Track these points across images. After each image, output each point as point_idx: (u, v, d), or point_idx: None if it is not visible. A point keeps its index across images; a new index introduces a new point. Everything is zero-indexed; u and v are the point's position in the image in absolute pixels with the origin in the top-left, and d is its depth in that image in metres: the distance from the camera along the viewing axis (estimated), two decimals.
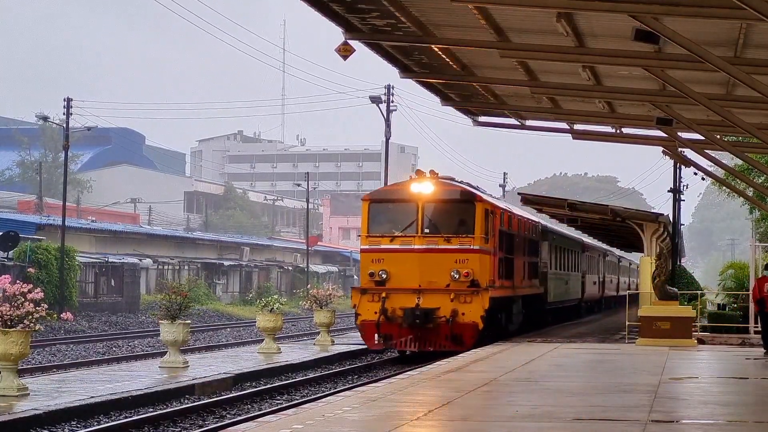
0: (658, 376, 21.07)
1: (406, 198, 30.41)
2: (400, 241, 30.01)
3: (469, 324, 29.45)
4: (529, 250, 37.79)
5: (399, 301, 29.76)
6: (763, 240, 45.23)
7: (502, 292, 32.18)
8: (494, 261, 31.14)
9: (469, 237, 29.94)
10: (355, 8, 19.30)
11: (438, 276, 29.73)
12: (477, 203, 30.40)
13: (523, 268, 36.34)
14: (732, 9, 15.42)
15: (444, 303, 29.54)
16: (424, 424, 14.05)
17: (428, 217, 30.20)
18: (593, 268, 60.20)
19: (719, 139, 27.58)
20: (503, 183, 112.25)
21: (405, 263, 29.81)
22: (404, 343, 29.87)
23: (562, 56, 20.84)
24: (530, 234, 38.52)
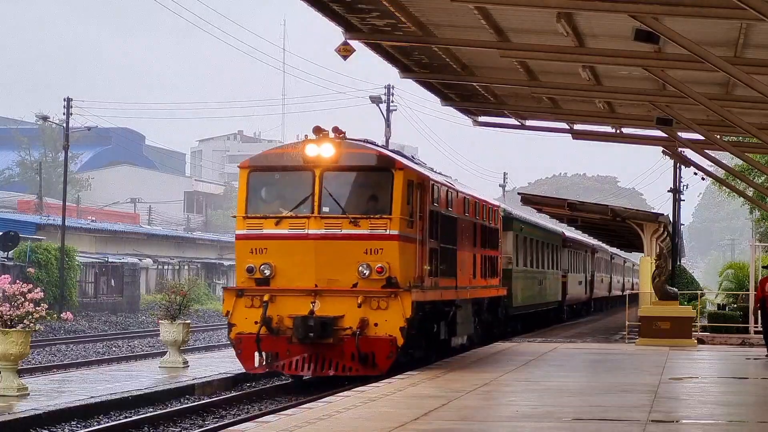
0: (658, 376, 21.07)
1: (299, 165, 22.09)
2: (290, 224, 21.87)
3: (383, 339, 21.32)
4: (484, 241, 29.63)
5: (288, 306, 21.75)
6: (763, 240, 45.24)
7: (436, 295, 23.95)
8: (422, 252, 22.88)
9: (385, 218, 21.60)
10: (355, 8, 19.31)
11: (341, 272, 21.60)
12: (396, 172, 21.86)
13: (475, 263, 28.27)
14: (732, 9, 15.43)
15: (349, 309, 21.40)
16: (425, 424, 14.05)
17: (329, 191, 22.00)
18: (578, 265, 54.22)
19: (719, 139, 27.59)
20: (503, 183, 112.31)
21: (296, 254, 21.77)
22: (295, 365, 21.83)
23: (562, 56, 20.85)
24: (486, 220, 30.16)
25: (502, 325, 34.11)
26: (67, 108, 69.66)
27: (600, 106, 27.10)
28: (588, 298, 58.47)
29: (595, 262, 60.49)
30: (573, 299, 52.23)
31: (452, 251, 25.66)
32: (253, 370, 22.31)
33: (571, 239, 51.60)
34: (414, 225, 22.45)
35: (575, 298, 53.23)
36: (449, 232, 25.40)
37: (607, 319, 52.08)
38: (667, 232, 45.58)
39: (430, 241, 23.50)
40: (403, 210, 21.97)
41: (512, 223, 35.98)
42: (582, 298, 56.13)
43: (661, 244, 45.21)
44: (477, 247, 28.65)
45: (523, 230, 38.37)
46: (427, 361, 23.65)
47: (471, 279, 27.90)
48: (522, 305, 37.73)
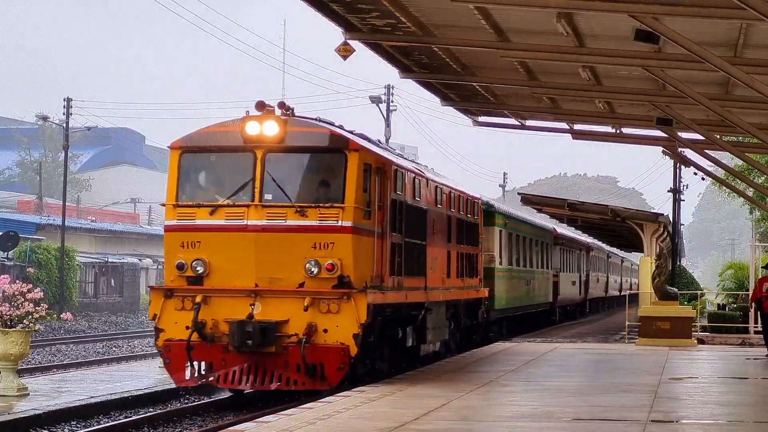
0: (658, 376, 21.08)
1: (238, 145, 19.26)
2: (227, 213, 19.01)
3: (333, 348, 18.46)
4: (461, 237, 26.73)
5: (224, 309, 18.88)
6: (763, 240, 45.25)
7: (400, 297, 21.04)
8: (382, 247, 19.94)
9: (336, 208, 18.72)
10: (355, 8, 19.32)
11: (286, 270, 18.77)
12: (350, 153, 18.95)
13: (449, 260, 25.38)
14: (732, 9, 15.43)
15: (295, 313, 18.55)
16: (424, 424, 14.05)
17: (272, 176, 19.10)
18: (571, 264, 51.38)
19: (719, 139, 27.60)
20: (503, 183, 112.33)
21: (234, 249, 19.00)
22: (231, 378, 18.85)
23: (562, 56, 20.85)
24: (464, 213, 27.17)
25: (484, 330, 31.48)
26: (67, 108, 69.69)
27: (600, 106, 27.11)
28: (583, 299, 56.03)
29: (591, 261, 58.22)
30: (566, 300, 49.76)
31: (420, 247, 22.68)
32: (183, 383, 19.20)
33: (564, 236, 49.23)
34: (372, 216, 19.43)
35: (568, 299, 50.85)
36: (417, 225, 22.42)
37: (604, 320, 51.98)
38: (667, 232, 45.62)
39: (393, 234, 20.46)
40: (359, 198, 18.94)
41: (495, 218, 33.15)
42: (576, 299, 53.67)
43: (661, 244, 45.25)
44: (452, 243, 25.65)
45: (508, 225, 35.27)
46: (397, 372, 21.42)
47: (444, 278, 24.90)
48: (506, 307, 34.79)
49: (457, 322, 27.16)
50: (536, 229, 41.82)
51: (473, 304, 28.76)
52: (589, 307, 59.15)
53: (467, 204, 27.60)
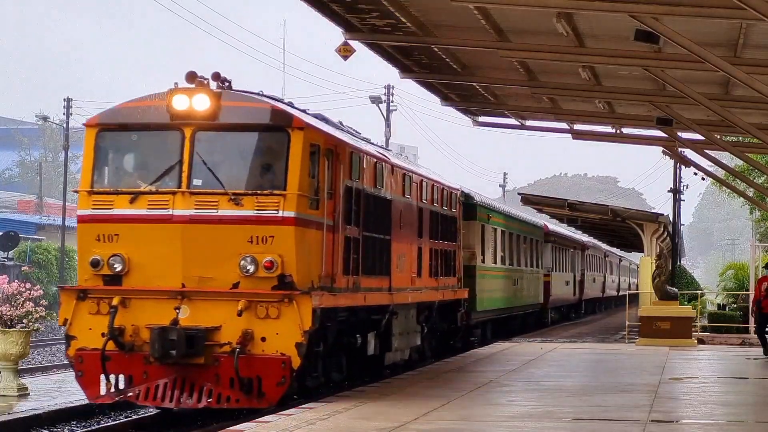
0: (658, 376, 21.08)
1: (164, 122, 16.57)
2: (150, 201, 16.36)
3: (272, 359, 15.84)
4: (435, 231, 24.03)
5: (146, 313, 16.21)
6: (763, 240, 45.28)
7: (356, 299, 18.45)
8: (334, 242, 17.34)
9: (277, 195, 16.11)
10: (355, 8, 19.32)
11: (217, 268, 16.17)
12: (294, 132, 16.30)
13: (420, 258, 22.72)
14: (732, 9, 15.43)
15: (228, 318, 15.95)
16: (424, 424, 14.05)
17: (202, 158, 16.42)
18: (565, 263, 49.18)
19: (719, 139, 27.61)
20: (503, 183, 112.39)
21: (157, 243, 16.31)
22: (154, 393, 16.13)
23: (562, 56, 20.86)
24: (438, 205, 24.38)
25: (465, 334, 28.90)
26: (67, 108, 69.75)
27: (600, 106, 27.12)
28: (577, 300, 53.75)
29: (586, 260, 56.13)
30: (558, 301, 47.44)
31: (383, 242, 19.97)
32: (98, 400, 16.55)
33: (556, 234, 47.00)
34: (320, 205, 16.78)
35: (561, 300, 48.40)
36: (379, 217, 19.72)
37: (600, 321, 51.81)
38: (667, 232, 45.63)
39: (347, 227, 17.88)
40: (304, 184, 16.30)
41: (477, 211, 30.32)
42: (570, 299, 51.37)
43: (661, 244, 45.25)
44: (424, 239, 22.99)
45: (492, 220, 32.61)
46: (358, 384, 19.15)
47: (414, 278, 22.18)
48: (490, 309, 32.28)
49: (432, 326, 24.63)
50: (525, 225, 39.28)
51: (451, 306, 26.15)
52: (584, 308, 57.43)
53: (443, 195, 24.97)
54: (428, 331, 24.26)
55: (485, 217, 31.60)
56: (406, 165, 22.62)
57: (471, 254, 29.58)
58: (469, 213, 29.13)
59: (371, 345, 19.86)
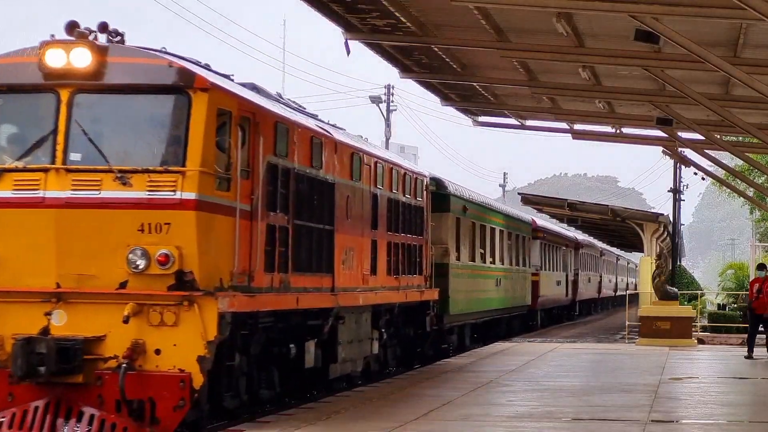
0: (658, 376, 21.09)
1: (36, 82, 13.47)
2: (16, 181, 13.29)
3: (168, 377, 12.83)
4: (396, 223, 20.72)
5: (11, 320, 13.12)
6: (763, 240, 45.30)
7: (283, 301, 15.31)
8: (252, 230, 14.29)
9: (173, 173, 13.11)
10: (355, 8, 19.31)
11: (100, 263, 13.09)
12: (197, 95, 13.27)
13: (375, 253, 19.43)
14: (732, 9, 15.43)
15: (113, 326, 12.96)
16: (424, 424, 14.05)
17: (82, 126, 13.29)
18: (556, 262, 45.81)
19: (719, 139, 27.62)
20: (503, 183, 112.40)
21: (25, 233, 13.21)
22: (21, 419, 12.88)
23: (562, 56, 20.86)
24: (400, 192, 21.09)
25: (436, 340, 25.73)
26: None
27: (600, 106, 27.12)
28: (570, 301, 50.73)
29: (580, 259, 53.21)
30: (549, 302, 44.04)
31: (323, 233, 16.71)
32: None
33: (546, 230, 43.31)
34: (233, 186, 13.68)
35: (552, 301, 45.00)
36: (317, 203, 16.45)
37: (597, 323, 51.83)
38: (667, 232, 45.65)
39: (271, 214, 14.75)
40: (208, 159, 13.17)
41: (450, 202, 26.79)
42: (562, 300, 48.11)
43: (661, 244, 45.28)
44: (380, 231, 19.57)
45: (469, 213, 28.77)
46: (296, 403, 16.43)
47: (367, 276, 18.89)
48: (467, 312, 28.66)
49: (395, 332, 21.69)
50: (508, 219, 35.46)
51: (417, 308, 22.85)
52: (579, 309, 54.73)
53: (405, 181, 21.43)
54: (389, 337, 21.15)
55: (461, 209, 27.92)
56: (356, 143, 18.82)
57: (443, 250, 26.06)
58: (440, 204, 25.81)
59: (310, 356, 16.68)
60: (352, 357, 18.61)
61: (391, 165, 20.72)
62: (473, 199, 30.08)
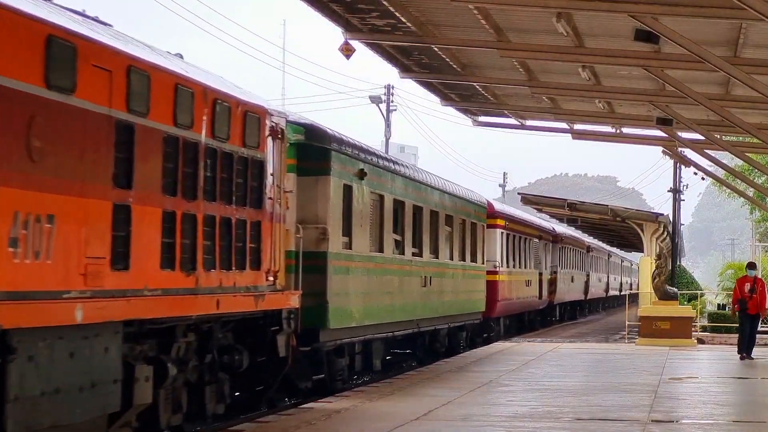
0: (658, 376, 21.09)
1: None
2: None
3: None
4: (211, 186, 13.49)
5: None
6: (763, 240, 45.31)
7: None
8: None
9: None
10: (355, 8, 19.31)
11: None
12: None
13: (169, 231, 12.44)
14: (732, 9, 15.44)
15: None
16: (424, 424, 14.05)
17: None
18: (526, 258, 37.86)
19: (719, 139, 27.62)
20: (503, 183, 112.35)
21: None
22: None
23: (562, 56, 20.86)
24: (223, 137, 13.86)
25: (309, 368, 18.06)
26: None
27: (600, 106, 27.12)
28: (548, 303, 43.49)
29: (563, 255, 46.70)
30: (515, 307, 36.24)
31: None
32: None
33: (509, 217, 35.24)
34: None
35: (520, 306, 37.23)
36: None
37: (597, 323, 51.75)
38: (667, 232, 45.64)
39: None
40: None
41: (330, 160, 18.29)
42: (534, 304, 40.09)
43: (661, 244, 45.30)
44: (143, 192, 11.85)
45: (371, 181, 20.46)
46: None
47: (99, 269, 10.92)
48: (366, 324, 20.16)
49: (201, 364, 13.84)
50: (451, 198, 27.07)
51: (260, 324, 15.30)
52: (560, 313, 48.92)
53: (230, 116, 14.06)
54: (177, 373, 12.90)
55: (354, 174, 19.55)
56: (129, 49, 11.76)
57: (319, 233, 17.94)
58: (315, 162, 18.01)
59: None
60: (62, 415, 10.29)
61: (202, 86, 13.31)
62: (378, 163, 21.14)
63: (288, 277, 16.38)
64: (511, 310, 35.90)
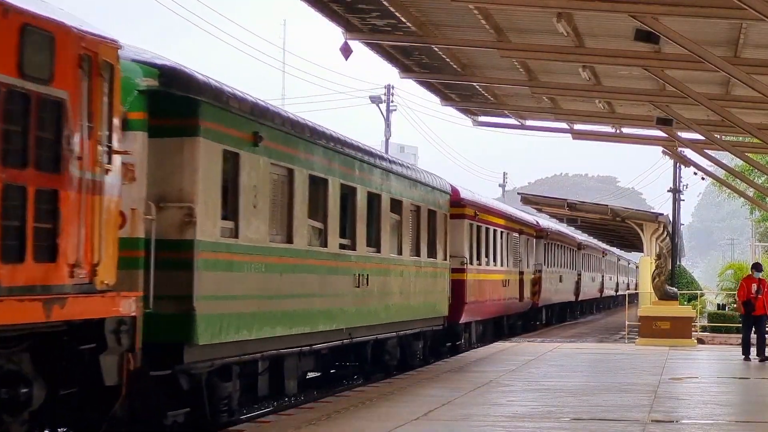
0: (658, 376, 21.09)
1: None
2: None
3: None
4: None
5: None
6: (763, 240, 45.30)
7: None
8: None
9: None
10: (355, 8, 19.30)
11: None
12: None
13: None
14: (732, 9, 15.43)
15: None
16: (424, 424, 14.05)
17: None
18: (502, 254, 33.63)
19: (719, 139, 27.61)
20: (503, 183, 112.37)
21: None
22: None
23: (562, 56, 20.85)
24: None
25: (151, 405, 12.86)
26: None
27: (600, 106, 27.11)
28: (531, 306, 39.44)
29: (549, 253, 42.99)
30: (489, 310, 31.92)
31: None
32: None
33: (481, 206, 30.90)
34: None
35: (495, 309, 32.91)
36: None
37: (597, 323, 51.71)
38: (666, 232, 45.65)
39: None
40: None
41: (201, 115, 13.77)
42: (514, 307, 36.11)
43: (660, 244, 45.30)
44: None
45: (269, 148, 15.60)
46: None
47: None
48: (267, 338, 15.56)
49: None
50: (392, 178, 22.04)
51: (66, 340, 10.58)
52: (546, 315, 44.98)
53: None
54: None
55: (242, 137, 14.81)
56: None
57: (183, 215, 13.36)
58: (177, 118, 13.45)
59: None
60: None
61: None
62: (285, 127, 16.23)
63: (129, 275, 12.01)
64: (484, 313, 31.30)
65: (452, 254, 26.93)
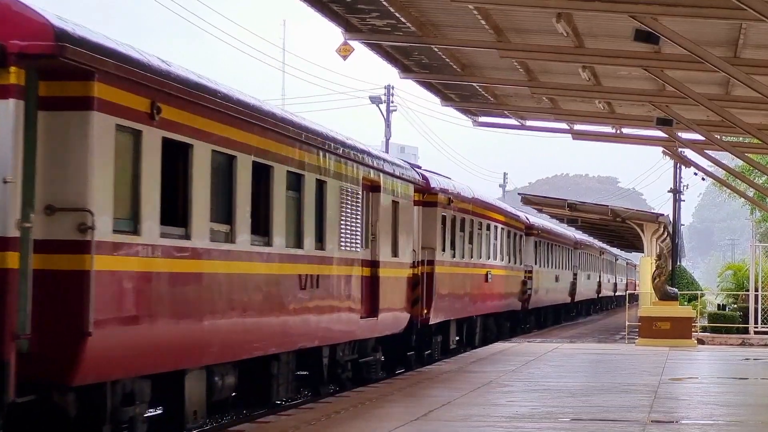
0: (658, 376, 21.08)
1: None
2: None
3: None
4: None
5: None
6: (763, 240, 45.30)
7: None
8: None
9: None
10: (355, 8, 19.31)
11: None
12: None
13: None
14: (731, 9, 15.43)
15: None
16: (424, 424, 14.05)
17: None
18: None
19: (719, 139, 27.61)
20: (503, 183, 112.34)
21: None
22: None
23: (562, 56, 20.86)
24: None
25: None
26: None
27: (600, 106, 27.11)
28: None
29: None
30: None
31: None
32: None
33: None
34: None
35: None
36: None
37: (597, 323, 51.68)
38: (667, 233, 45.65)
39: None
40: None
41: None
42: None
43: (661, 244, 45.31)
44: None
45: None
46: None
47: None
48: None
49: None
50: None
51: None
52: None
53: None
54: None
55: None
56: None
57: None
58: None
59: None
60: None
61: None
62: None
63: None
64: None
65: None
